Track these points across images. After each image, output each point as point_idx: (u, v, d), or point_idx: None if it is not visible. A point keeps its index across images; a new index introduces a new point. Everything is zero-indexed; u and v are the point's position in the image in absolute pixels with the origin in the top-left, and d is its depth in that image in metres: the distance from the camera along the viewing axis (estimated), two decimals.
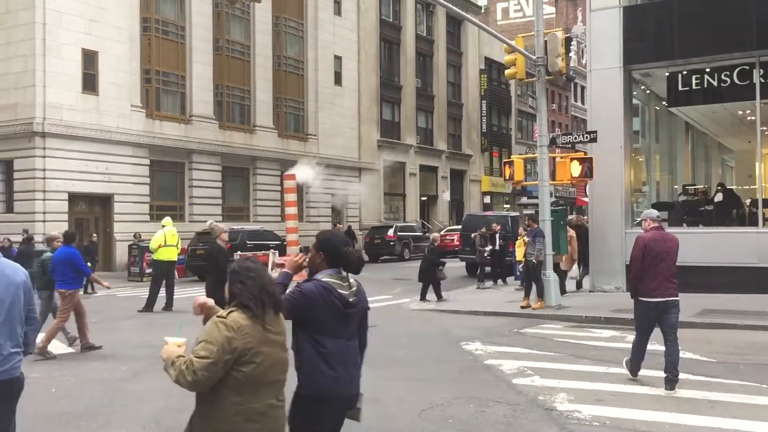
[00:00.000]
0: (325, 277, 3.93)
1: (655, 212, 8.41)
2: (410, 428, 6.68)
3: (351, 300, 3.94)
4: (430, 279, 16.96)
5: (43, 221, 25.44)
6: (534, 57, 15.52)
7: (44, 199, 25.72)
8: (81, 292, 12.00)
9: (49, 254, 11.34)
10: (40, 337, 9.89)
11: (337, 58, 39.72)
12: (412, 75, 46.38)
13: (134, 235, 24.96)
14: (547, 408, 7.22)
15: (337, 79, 39.75)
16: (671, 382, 7.77)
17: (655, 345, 10.46)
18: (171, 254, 16.28)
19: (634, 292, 8.09)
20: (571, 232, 17.34)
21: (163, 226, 16.55)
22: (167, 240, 16.19)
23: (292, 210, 25.86)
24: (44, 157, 25.72)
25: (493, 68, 53.91)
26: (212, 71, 32.38)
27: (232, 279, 3.51)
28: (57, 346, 10.93)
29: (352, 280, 4.03)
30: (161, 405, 7.55)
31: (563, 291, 16.11)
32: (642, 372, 8.43)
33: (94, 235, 24.91)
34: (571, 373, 8.77)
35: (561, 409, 7.16)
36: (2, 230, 24.61)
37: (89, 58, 27.15)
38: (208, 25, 32.28)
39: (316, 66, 38.21)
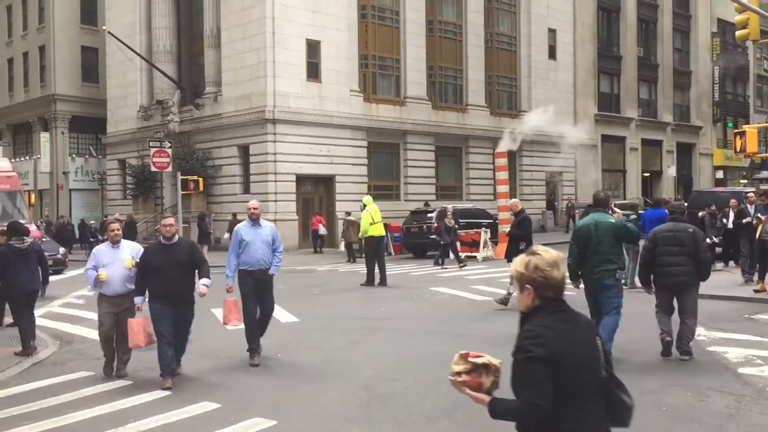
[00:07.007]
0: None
1: None
2: None
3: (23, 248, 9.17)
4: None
5: (275, 201, 27.76)
6: None
7: (275, 181, 27.99)
8: None
9: (634, 216, 14.51)
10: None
11: (551, 31, 38.52)
12: (633, 44, 43.75)
13: (345, 213, 25.89)
14: None
15: (551, 53, 38.58)
16: None
17: None
18: (379, 230, 16.77)
19: None
20: None
21: (364, 206, 17.06)
22: (374, 217, 16.79)
23: (504, 188, 25.74)
24: (275, 141, 27.97)
25: (727, 30, 49.09)
26: (425, 53, 33.00)
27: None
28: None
29: (26, 239, 9.25)
30: (372, 373, 7.96)
31: None
32: None
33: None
34: None
35: None
36: (240, 210, 27.22)
37: (312, 48, 28.96)
38: (421, 8, 32.88)
39: (529, 41, 37.40)
